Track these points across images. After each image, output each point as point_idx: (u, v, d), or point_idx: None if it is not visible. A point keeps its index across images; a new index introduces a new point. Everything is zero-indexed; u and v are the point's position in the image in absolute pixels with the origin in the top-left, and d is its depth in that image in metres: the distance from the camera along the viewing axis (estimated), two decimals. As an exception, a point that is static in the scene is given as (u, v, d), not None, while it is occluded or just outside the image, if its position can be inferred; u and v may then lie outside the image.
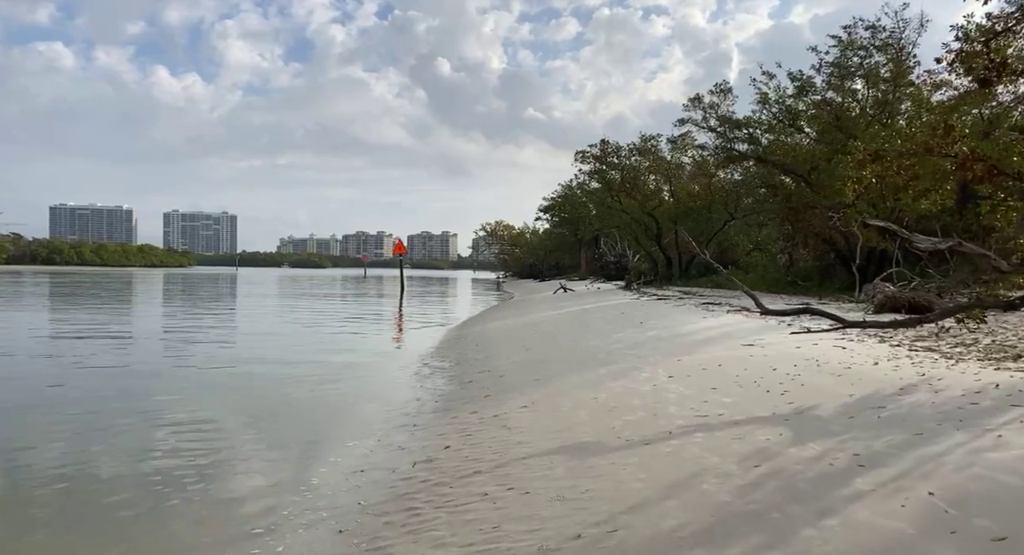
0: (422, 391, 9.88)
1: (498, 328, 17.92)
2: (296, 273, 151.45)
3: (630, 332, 13.10)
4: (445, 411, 8.28)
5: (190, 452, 7.08)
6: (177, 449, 7.22)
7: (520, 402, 8.02)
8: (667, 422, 6.20)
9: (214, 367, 12.93)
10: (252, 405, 9.63)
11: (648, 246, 37.21)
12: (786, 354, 8.78)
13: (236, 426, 8.42)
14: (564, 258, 67.88)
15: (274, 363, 13.59)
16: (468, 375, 10.71)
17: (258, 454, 7.17)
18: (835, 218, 18.42)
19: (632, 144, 34.32)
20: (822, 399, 6.22)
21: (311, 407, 9.48)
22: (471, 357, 12.72)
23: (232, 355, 15.03)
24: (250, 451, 7.27)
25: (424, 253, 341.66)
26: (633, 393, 7.64)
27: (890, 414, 5.44)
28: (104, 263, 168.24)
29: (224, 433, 8.01)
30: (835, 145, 19.64)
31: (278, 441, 7.61)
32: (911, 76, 19.77)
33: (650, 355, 10.07)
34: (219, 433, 7.98)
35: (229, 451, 7.24)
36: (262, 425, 8.48)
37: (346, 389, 10.77)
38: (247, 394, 10.45)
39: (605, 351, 11.02)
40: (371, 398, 9.83)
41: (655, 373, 8.63)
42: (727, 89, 24.03)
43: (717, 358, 9.09)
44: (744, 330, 11.76)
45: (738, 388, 7.18)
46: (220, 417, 8.82)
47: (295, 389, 10.84)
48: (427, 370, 11.84)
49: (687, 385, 7.65)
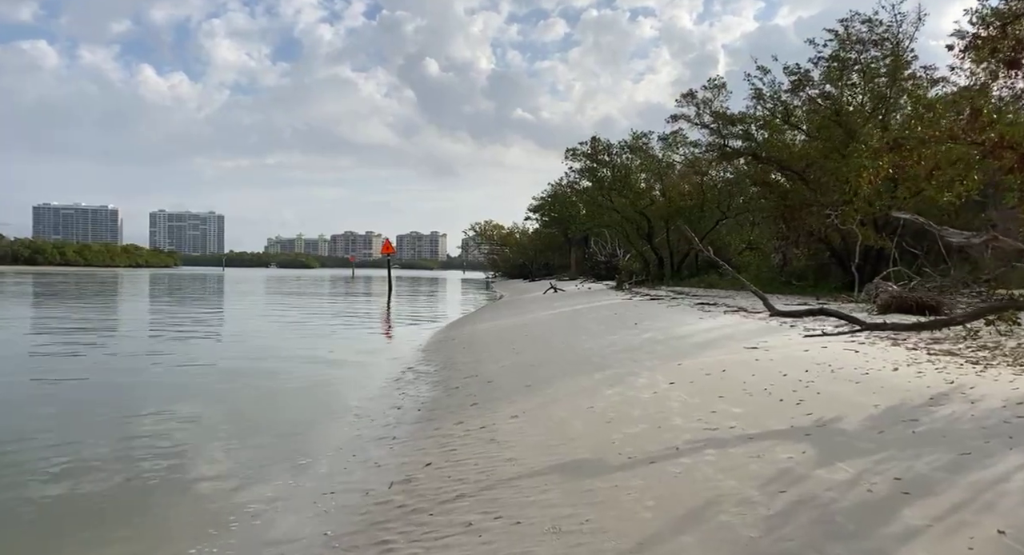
0: (405, 398, 9.22)
1: (487, 330, 17.28)
2: (283, 273, 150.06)
3: (624, 334, 12.49)
4: (428, 421, 7.62)
5: (135, 469, 6.40)
6: (128, 459, 6.53)
7: (509, 411, 7.38)
8: (673, 436, 5.58)
9: (187, 366, 12.20)
10: (219, 413, 8.93)
11: (639, 245, 36.66)
12: (794, 358, 8.19)
13: (197, 436, 7.72)
14: (554, 258, 67.33)
15: (250, 367, 12.87)
16: (454, 380, 10.06)
17: (219, 470, 6.49)
18: (833, 216, 17.92)
19: (624, 142, 33.83)
20: (844, 410, 5.62)
21: (284, 416, 8.80)
22: (458, 361, 12.06)
23: (209, 357, 14.28)
24: (209, 467, 6.58)
25: (413, 253, 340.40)
26: (632, 402, 7.02)
27: (926, 429, 4.85)
28: (88, 263, 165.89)
29: (181, 446, 7.31)
30: (832, 141, 19.15)
31: (243, 456, 6.93)
32: (908, 70, 19.30)
33: (647, 359, 9.46)
34: (175, 447, 7.27)
35: (181, 467, 6.55)
36: (228, 435, 7.79)
37: (323, 396, 10.10)
38: (216, 401, 9.73)
39: (599, 354, 10.40)
40: (349, 406, 9.16)
41: (654, 379, 8.02)
42: (721, 84, 23.55)
43: (720, 362, 8.49)
44: (744, 332, 11.18)
45: (747, 396, 6.58)
46: (181, 427, 8.12)
47: (268, 396, 10.15)
48: (411, 375, 11.17)
49: (691, 393, 7.04)
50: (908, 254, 21.74)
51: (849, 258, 21.83)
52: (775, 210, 21.54)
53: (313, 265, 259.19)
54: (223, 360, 13.92)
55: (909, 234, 21.94)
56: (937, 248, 21.62)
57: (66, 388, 10.75)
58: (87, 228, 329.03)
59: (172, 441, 7.51)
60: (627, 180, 33.86)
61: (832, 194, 18.70)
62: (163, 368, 12.68)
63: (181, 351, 15.46)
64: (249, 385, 11.10)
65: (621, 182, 33.71)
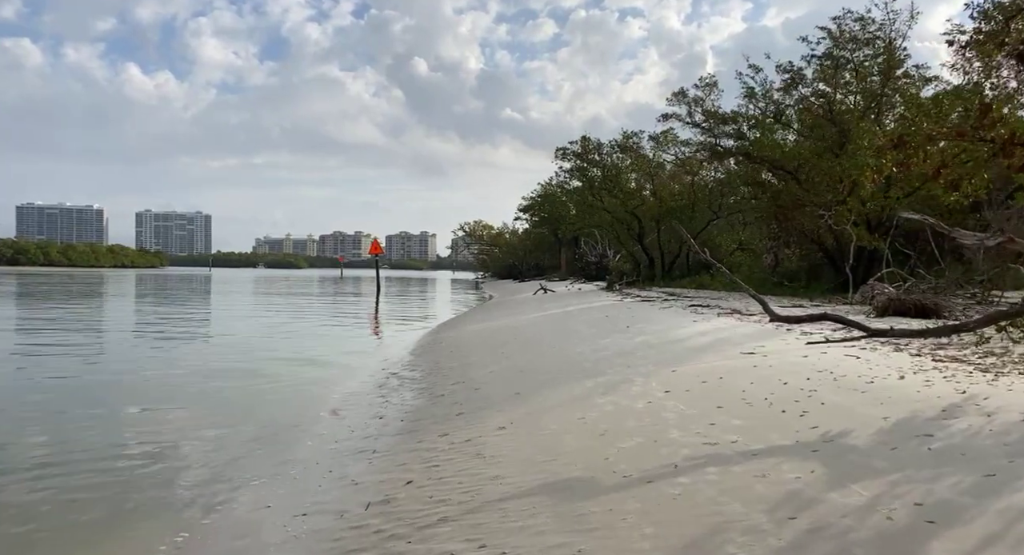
0: (388, 407, 8.82)
1: (475, 332, 16.89)
2: (271, 273, 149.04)
3: (617, 338, 12.15)
4: (411, 433, 7.23)
5: (91, 488, 5.98)
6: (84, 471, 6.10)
7: (497, 422, 7.01)
8: (670, 451, 5.23)
9: (164, 371, 11.74)
10: (192, 421, 8.50)
11: (630, 246, 36.38)
12: (794, 364, 7.87)
13: (164, 446, 7.30)
14: (544, 258, 67.02)
15: (228, 372, 12.42)
16: (440, 387, 9.67)
17: (185, 485, 6.07)
18: (826, 216, 17.67)
19: (614, 141, 33.50)
20: (851, 423, 5.29)
21: (259, 425, 8.38)
22: (445, 366, 11.67)
23: (187, 362, 13.80)
24: (175, 481, 6.17)
25: (403, 253, 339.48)
26: (626, 412, 6.66)
27: (942, 445, 4.52)
28: (72, 264, 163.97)
29: (146, 459, 6.88)
30: (825, 141, 18.92)
31: (213, 469, 6.52)
32: (902, 69, 19.08)
33: (641, 364, 9.11)
34: (138, 461, 6.84)
35: (141, 483, 6.13)
36: (198, 446, 7.38)
37: (303, 404, 9.68)
38: (191, 408, 9.30)
39: (591, 360, 10.04)
40: (327, 418, 8.75)
41: (649, 387, 7.67)
42: (712, 83, 23.27)
43: (716, 369, 8.16)
44: (740, 335, 10.86)
45: (747, 407, 6.23)
46: (149, 436, 7.68)
47: (245, 403, 9.73)
48: (396, 381, 10.77)
49: (687, 402, 6.69)
50: (900, 255, 21.58)
51: (842, 259, 21.62)
52: (767, 210, 21.30)
53: (302, 265, 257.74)
54: (201, 365, 13.46)
55: (901, 235, 21.79)
56: (930, 249, 21.47)
57: (22, 402, 10.27)
58: (72, 228, 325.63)
59: (136, 453, 7.09)
60: (618, 180, 33.56)
61: (825, 194, 18.45)
62: (136, 375, 12.22)
63: (160, 356, 14.99)
64: (226, 391, 10.67)
65: (612, 182, 33.41)
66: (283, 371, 12.65)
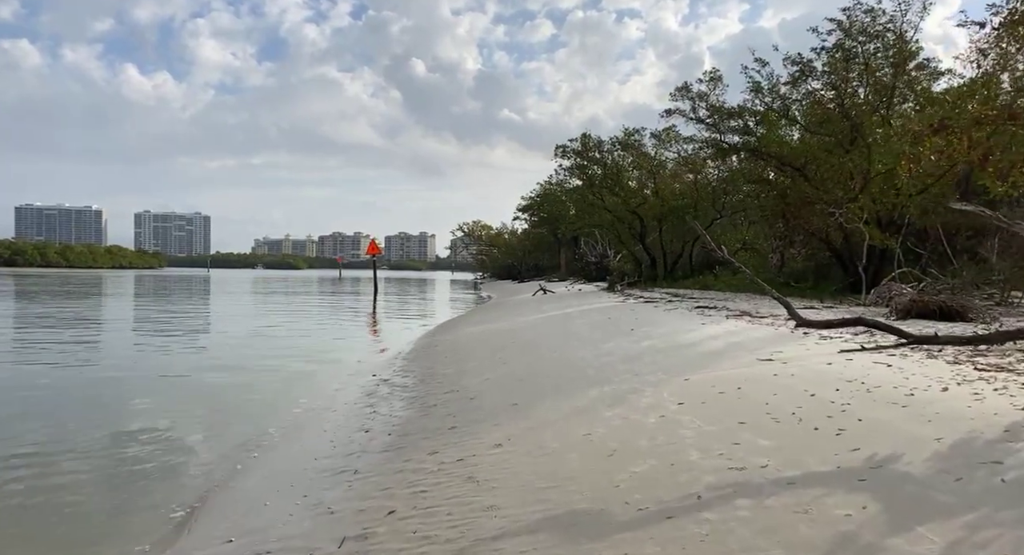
0: (375, 418, 8.13)
1: (473, 335, 16.20)
2: (270, 274, 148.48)
3: (621, 342, 11.46)
4: (398, 450, 6.54)
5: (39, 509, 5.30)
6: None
7: (493, 437, 6.32)
8: (690, 477, 4.54)
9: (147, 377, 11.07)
10: (168, 430, 7.82)
11: (632, 245, 35.69)
12: (818, 373, 7.19)
13: (132, 462, 6.61)
14: (543, 259, 66.34)
15: (215, 376, 11.75)
16: (433, 396, 8.98)
17: (144, 509, 5.39)
18: (837, 214, 16.99)
19: (615, 138, 32.80)
20: (899, 445, 4.60)
21: (236, 438, 7.71)
22: (439, 372, 10.98)
23: (176, 366, 13.12)
24: (132, 506, 5.48)
25: (402, 254, 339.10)
26: (637, 428, 5.97)
27: (1018, 476, 3.83)
28: (70, 265, 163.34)
29: (108, 474, 6.20)
30: (836, 135, 18.23)
31: (175, 493, 5.84)
32: (916, 61, 18.38)
33: (649, 372, 8.43)
34: (100, 482, 6.16)
35: (97, 508, 5.45)
36: (167, 462, 6.70)
37: (285, 414, 9.00)
38: (170, 415, 8.62)
39: (595, 366, 9.36)
40: (310, 427, 8.08)
41: (660, 397, 6.98)
42: (717, 77, 22.56)
43: (733, 377, 7.47)
44: (754, 340, 10.18)
45: (774, 423, 5.55)
46: (119, 449, 7.00)
47: (225, 411, 9.06)
48: (386, 389, 10.08)
49: (705, 417, 6.01)
50: (911, 255, 20.92)
51: (851, 258, 20.95)
52: (774, 208, 20.62)
53: (301, 266, 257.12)
54: (188, 368, 12.79)
55: (912, 234, 21.12)
56: (942, 248, 20.82)
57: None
58: (71, 229, 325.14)
59: (98, 472, 6.41)
60: (619, 178, 32.86)
61: (836, 191, 17.76)
62: (116, 383, 11.54)
63: (146, 360, 14.30)
64: (208, 398, 10.01)
65: (613, 180, 32.70)
66: (268, 378, 11.99)
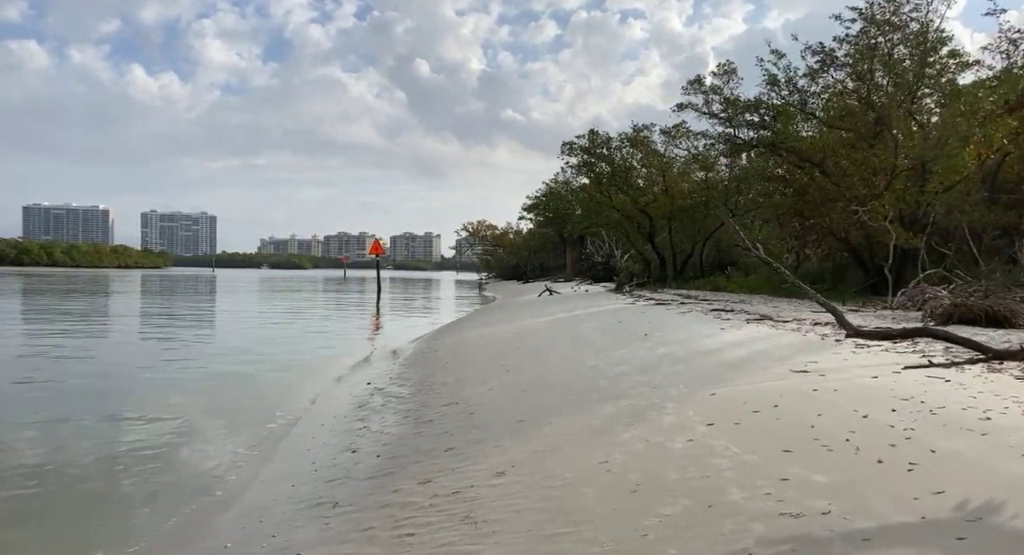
0: (364, 436, 7.31)
1: (475, 339, 15.38)
2: (275, 274, 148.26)
3: (635, 348, 10.61)
4: (386, 476, 5.72)
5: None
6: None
7: (494, 463, 5.50)
8: (736, 526, 3.69)
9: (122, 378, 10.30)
10: (137, 445, 7.02)
11: (640, 245, 34.77)
12: (865, 389, 6.33)
13: (85, 487, 5.81)
14: (549, 259, 65.50)
15: (198, 382, 10.97)
16: (429, 409, 8.15)
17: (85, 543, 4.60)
18: (861, 212, 16.09)
19: (624, 134, 31.93)
20: (994, 488, 3.74)
21: (208, 460, 6.90)
22: (438, 381, 10.16)
23: (159, 368, 12.35)
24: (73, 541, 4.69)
25: (407, 254, 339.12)
26: (662, 455, 5.13)
27: None
28: (76, 264, 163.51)
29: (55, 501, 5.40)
30: (859, 129, 17.32)
31: (122, 526, 5.04)
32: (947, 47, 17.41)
33: (670, 384, 7.58)
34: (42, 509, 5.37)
35: None
36: (124, 488, 5.90)
37: (266, 431, 8.20)
38: (146, 425, 7.82)
39: (607, 376, 8.52)
40: (294, 445, 7.27)
41: (684, 416, 6.14)
42: (732, 70, 21.68)
43: (766, 392, 6.62)
44: (781, 348, 9.31)
45: (826, 452, 4.70)
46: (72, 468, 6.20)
47: (195, 427, 8.25)
48: (380, 400, 9.26)
49: (742, 442, 5.16)
50: (934, 255, 20.00)
51: (872, 258, 20.04)
52: (792, 206, 19.72)
53: (306, 266, 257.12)
54: (174, 371, 12.02)
55: (937, 233, 20.19)
56: (967, 248, 19.89)
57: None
58: (78, 228, 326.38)
59: (30, 506, 5.61)
60: (627, 176, 31.94)
61: (859, 188, 16.85)
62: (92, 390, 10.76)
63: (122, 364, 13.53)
64: (186, 407, 9.20)
65: (621, 178, 31.78)
66: (256, 385, 11.21)
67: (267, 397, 10.24)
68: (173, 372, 12.52)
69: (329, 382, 11.52)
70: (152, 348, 16.16)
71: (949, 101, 15.80)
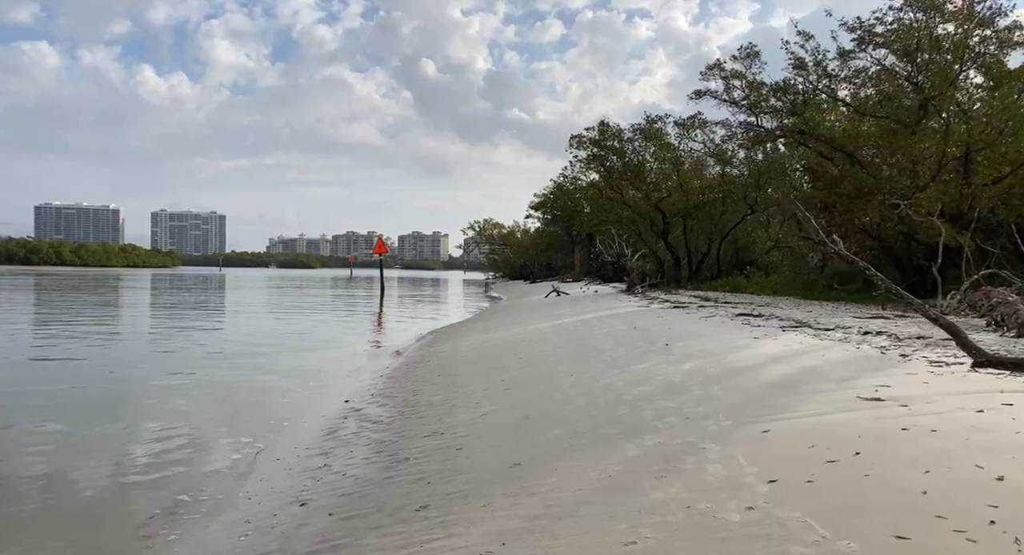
0: (321, 479, 5.83)
1: (473, 347, 13.89)
2: (282, 274, 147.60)
3: (656, 361, 9.09)
4: (332, 551, 4.24)
5: None
6: None
7: (480, 535, 4.02)
8: None
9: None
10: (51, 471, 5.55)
11: (653, 243, 33.14)
12: (975, 429, 4.78)
13: None
14: (557, 258, 63.90)
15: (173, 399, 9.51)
16: (408, 442, 6.67)
17: None
18: (903, 205, 14.48)
19: (636, 125, 30.26)
20: None
21: (127, 509, 5.44)
22: (424, 400, 8.68)
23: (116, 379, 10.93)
24: None
25: (415, 253, 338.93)
26: (711, 530, 3.61)
27: None
28: (84, 263, 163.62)
29: None
30: (899, 113, 15.69)
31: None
32: (1007, 19, 15.61)
33: (706, 414, 6.06)
34: None
35: None
36: None
37: (212, 464, 6.73)
38: (71, 453, 6.37)
39: (626, 400, 7.00)
40: (233, 493, 5.79)
41: (733, 465, 4.62)
42: (755, 53, 20.04)
43: (835, 429, 5.09)
44: (834, 365, 7.76)
45: (965, 544, 3.16)
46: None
47: (112, 456, 6.78)
48: (352, 425, 7.79)
49: (823, 514, 3.62)
50: (980, 252, 18.38)
51: (909, 257, 18.42)
52: (824, 200, 18.11)
53: (314, 265, 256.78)
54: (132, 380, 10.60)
55: (982, 229, 18.56)
56: (1014, 245, 18.26)
57: None
58: (88, 228, 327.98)
59: None
60: (640, 170, 30.32)
61: (901, 179, 15.24)
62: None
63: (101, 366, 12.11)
64: (101, 439, 7.72)
65: (633, 172, 30.16)
66: (226, 402, 9.75)
67: (233, 418, 8.81)
68: (108, 385, 11.10)
69: (307, 396, 10.08)
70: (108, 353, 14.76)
71: (1003, 82, 14.17)
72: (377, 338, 20.32)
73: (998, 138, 13.82)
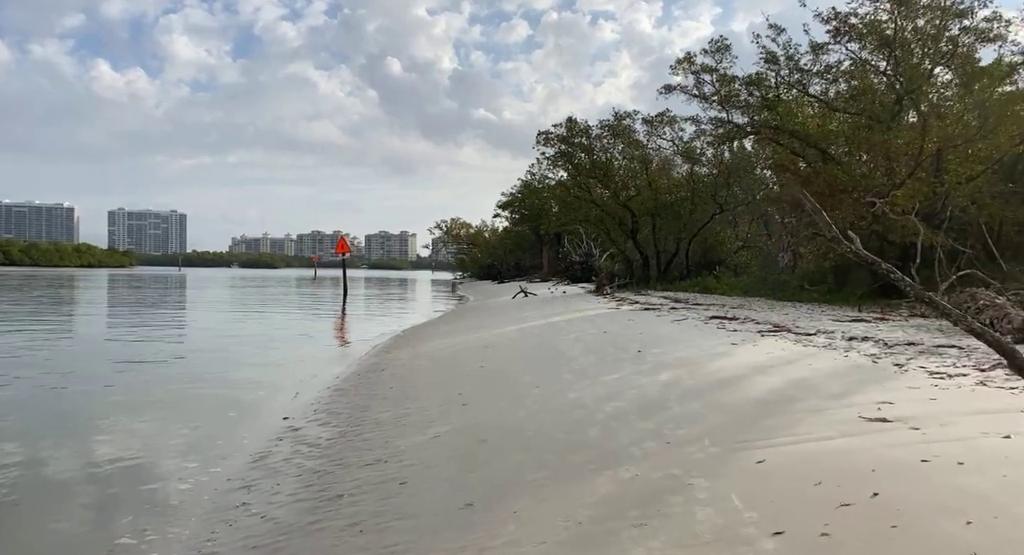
0: (234, 524, 4.87)
1: (433, 353, 12.97)
2: (244, 274, 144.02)
3: (629, 371, 8.30)
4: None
5: None
6: None
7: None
8: None
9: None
10: None
11: (622, 243, 32.57)
12: (1009, 461, 4.06)
13: None
14: (525, 258, 63.15)
15: (105, 418, 8.36)
16: (345, 473, 5.73)
17: None
18: (878, 204, 14.01)
19: (605, 121, 29.63)
20: None
21: None
22: (371, 417, 7.74)
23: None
24: None
25: (383, 253, 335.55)
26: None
27: None
28: (35, 263, 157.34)
29: None
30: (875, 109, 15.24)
31: None
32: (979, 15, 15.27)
33: (689, 437, 5.26)
34: None
35: None
36: None
37: (116, 503, 5.71)
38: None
39: (597, 419, 6.18)
40: (124, 535, 4.80)
41: (726, 506, 3.82)
42: (725, 46, 19.51)
43: (842, 459, 4.33)
44: (826, 375, 7.06)
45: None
46: None
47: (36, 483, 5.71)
48: (287, 449, 6.82)
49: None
50: (950, 252, 18.12)
51: (881, 257, 18.03)
52: (794, 198, 17.60)
53: (278, 265, 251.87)
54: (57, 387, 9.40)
55: (955, 228, 18.31)
56: (984, 245, 18.05)
57: None
58: (41, 227, 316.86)
59: None
60: (608, 168, 29.69)
61: (876, 176, 14.79)
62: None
63: None
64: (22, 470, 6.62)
65: (602, 169, 29.52)
66: (144, 425, 8.67)
67: (153, 440, 7.76)
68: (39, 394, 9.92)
69: (243, 411, 9.05)
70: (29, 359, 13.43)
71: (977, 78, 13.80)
72: (332, 342, 19.25)
73: (976, 134, 13.45)
